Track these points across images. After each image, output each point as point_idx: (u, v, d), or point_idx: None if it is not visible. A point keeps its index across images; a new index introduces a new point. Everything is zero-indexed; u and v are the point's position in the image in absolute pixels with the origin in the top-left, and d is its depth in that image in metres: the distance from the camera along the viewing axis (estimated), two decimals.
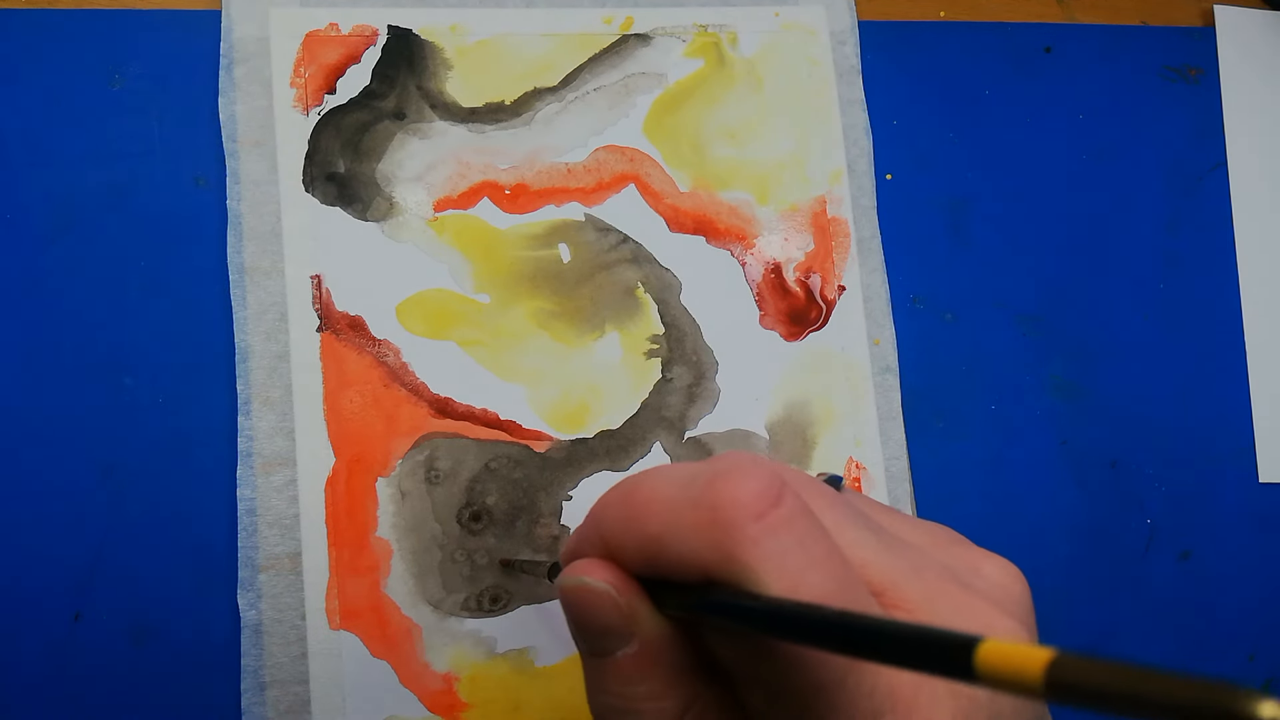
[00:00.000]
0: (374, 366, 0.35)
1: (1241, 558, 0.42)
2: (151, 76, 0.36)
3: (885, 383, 0.39)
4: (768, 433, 0.38)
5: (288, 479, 0.34)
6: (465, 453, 0.35)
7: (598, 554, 0.21)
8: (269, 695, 0.32)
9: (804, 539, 0.19)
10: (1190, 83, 0.45)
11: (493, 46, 0.38)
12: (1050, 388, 0.41)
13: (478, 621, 0.34)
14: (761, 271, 0.39)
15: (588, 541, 0.22)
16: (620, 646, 0.21)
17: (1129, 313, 0.43)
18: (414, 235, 0.36)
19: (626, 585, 0.21)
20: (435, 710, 0.33)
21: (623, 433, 0.37)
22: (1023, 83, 0.43)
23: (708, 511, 0.19)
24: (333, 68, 0.37)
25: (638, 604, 0.21)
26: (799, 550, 0.19)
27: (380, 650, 0.33)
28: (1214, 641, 0.41)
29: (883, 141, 0.41)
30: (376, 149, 0.37)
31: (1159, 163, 0.44)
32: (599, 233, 0.38)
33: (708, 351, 0.38)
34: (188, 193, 0.36)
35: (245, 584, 0.33)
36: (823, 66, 0.41)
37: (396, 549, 0.34)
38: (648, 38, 0.40)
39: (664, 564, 0.20)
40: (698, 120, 0.40)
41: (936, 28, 0.43)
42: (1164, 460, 0.42)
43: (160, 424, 0.34)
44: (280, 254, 0.35)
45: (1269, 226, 0.44)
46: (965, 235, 0.42)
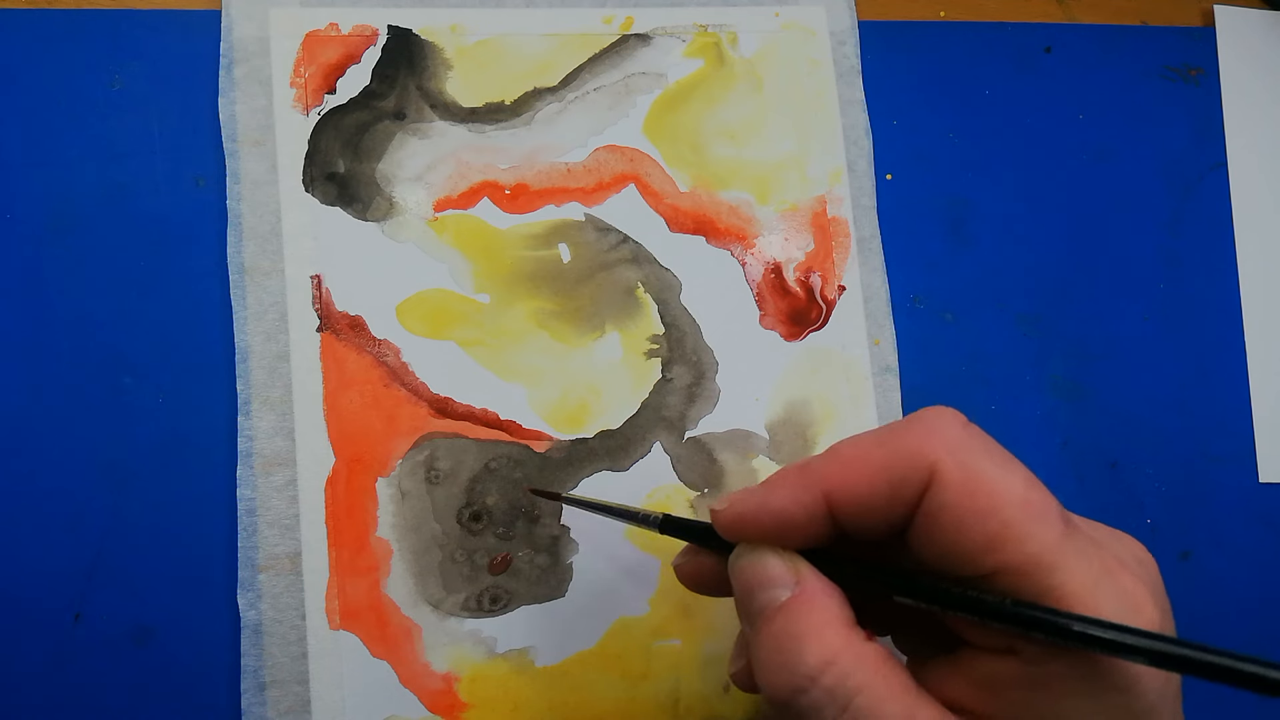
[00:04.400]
0: (374, 366, 0.35)
1: (1241, 558, 0.42)
2: (151, 76, 0.36)
3: (885, 383, 0.39)
4: (768, 433, 0.38)
5: (288, 479, 0.34)
6: (465, 453, 0.35)
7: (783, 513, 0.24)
8: (269, 695, 0.32)
9: (1000, 448, 0.22)
10: (1190, 83, 0.45)
11: (493, 46, 0.38)
12: (1050, 388, 0.41)
13: (478, 621, 0.34)
14: (761, 271, 0.39)
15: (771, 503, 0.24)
16: (784, 592, 0.23)
17: (1129, 313, 0.43)
18: (414, 235, 0.36)
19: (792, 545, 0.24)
20: (435, 710, 0.33)
21: (623, 433, 0.37)
22: (1023, 83, 0.44)
23: (918, 426, 0.23)
24: (333, 68, 0.37)
25: (800, 561, 0.24)
26: (1000, 452, 0.22)
27: (380, 650, 0.33)
28: (1214, 641, 0.41)
29: (883, 141, 0.41)
30: (376, 149, 0.37)
31: (1159, 163, 0.44)
32: (599, 233, 0.38)
33: (708, 351, 0.38)
34: (188, 193, 0.36)
35: (245, 584, 0.33)
36: (823, 66, 0.41)
37: (396, 549, 0.34)
38: (648, 38, 0.40)
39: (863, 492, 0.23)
40: (698, 120, 0.40)
41: (936, 28, 0.43)
42: (1164, 460, 0.42)
43: (160, 424, 0.34)
44: (280, 254, 0.35)
45: (1269, 226, 0.44)
46: (965, 235, 0.42)
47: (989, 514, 0.21)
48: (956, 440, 0.22)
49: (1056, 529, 0.21)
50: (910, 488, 0.22)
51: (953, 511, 0.22)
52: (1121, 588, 0.21)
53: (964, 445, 0.22)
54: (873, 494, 0.23)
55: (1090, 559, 0.21)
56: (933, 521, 0.22)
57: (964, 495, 0.22)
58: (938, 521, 0.22)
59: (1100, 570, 0.21)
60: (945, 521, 0.22)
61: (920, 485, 0.22)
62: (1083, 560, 0.21)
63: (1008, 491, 0.21)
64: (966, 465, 0.22)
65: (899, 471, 0.22)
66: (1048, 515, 0.21)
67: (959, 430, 0.22)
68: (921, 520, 0.22)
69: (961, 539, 0.22)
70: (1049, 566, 0.21)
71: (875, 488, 0.23)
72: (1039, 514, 0.21)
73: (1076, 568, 0.21)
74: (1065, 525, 0.22)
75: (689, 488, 0.37)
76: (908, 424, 0.23)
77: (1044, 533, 0.21)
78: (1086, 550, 0.22)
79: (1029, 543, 0.21)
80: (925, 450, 0.22)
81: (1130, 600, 0.21)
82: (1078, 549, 0.21)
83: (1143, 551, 0.24)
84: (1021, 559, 0.21)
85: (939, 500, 0.22)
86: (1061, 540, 0.21)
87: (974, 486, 0.22)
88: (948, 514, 0.22)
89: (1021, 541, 0.21)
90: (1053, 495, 0.22)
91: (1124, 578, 0.22)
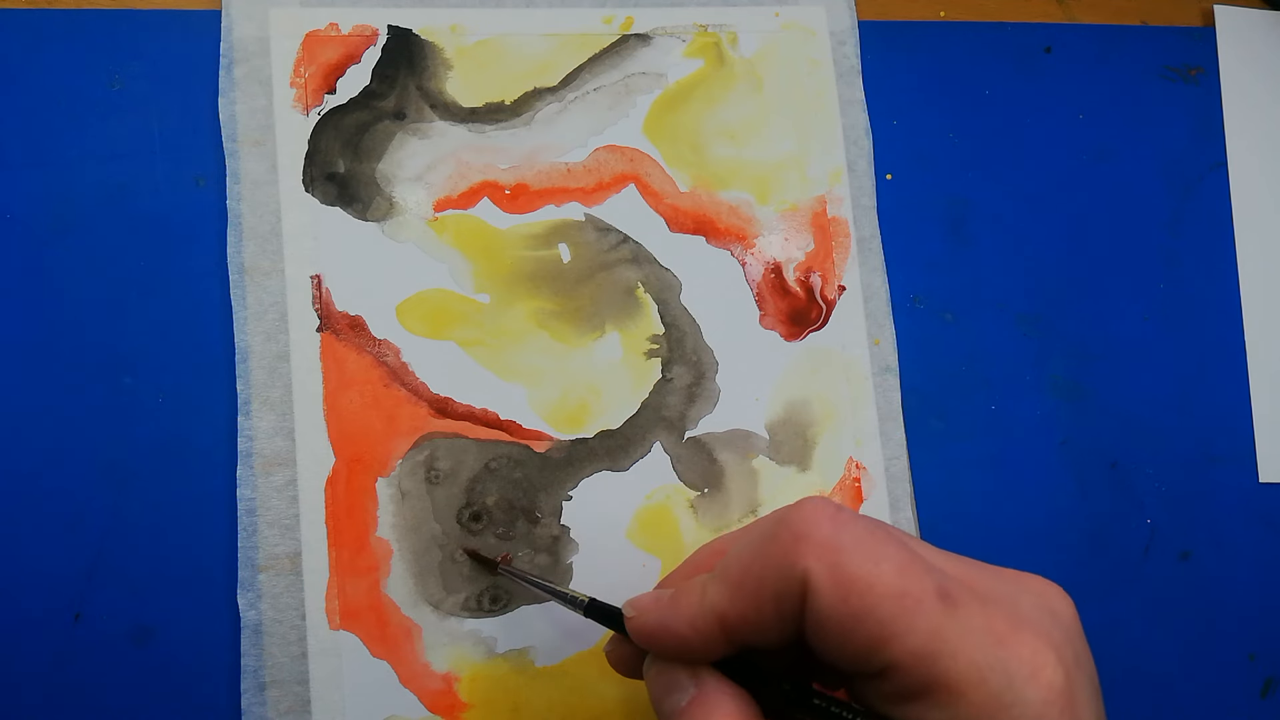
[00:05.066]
0: (374, 366, 0.35)
1: (1241, 558, 0.42)
2: (151, 76, 0.36)
3: (885, 383, 0.39)
4: (768, 433, 0.38)
5: (288, 479, 0.34)
6: (465, 453, 0.35)
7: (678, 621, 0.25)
8: (269, 695, 0.32)
9: (873, 530, 0.22)
10: (1190, 83, 0.45)
11: (493, 46, 0.38)
12: (1050, 388, 0.41)
13: (478, 621, 0.34)
14: (761, 271, 0.39)
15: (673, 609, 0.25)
16: (685, 696, 0.24)
17: (1129, 313, 0.43)
18: (414, 235, 0.36)
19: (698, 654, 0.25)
20: (435, 710, 0.33)
21: (623, 433, 0.37)
22: (1023, 83, 0.44)
23: (786, 533, 0.23)
24: (333, 68, 0.37)
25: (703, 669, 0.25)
26: (870, 540, 0.22)
27: (380, 650, 0.33)
28: (1214, 641, 0.41)
29: (883, 141, 0.41)
30: (376, 149, 0.37)
31: (1159, 163, 0.44)
32: (599, 233, 0.38)
33: (708, 351, 0.38)
34: (188, 193, 0.36)
35: (245, 584, 0.33)
36: (823, 66, 0.41)
37: (396, 549, 0.34)
38: (648, 38, 0.40)
39: (750, 613, 0.23)
40: (698, 120, 0.40)
41: (936, 28, 0.43)
42: (1164, 460, 0.42)
43: (160, 424, 0.34)
44: (280, 254, 0.35)
45: (1269, 226, 0.44)
46: (965, 235, 0.42)
47: (865, 615, 0.21)
48: (824, 541, 0.22)
49: (935, 615, 0.21)
50: (791, 600, 0.22)
51: (832, 618, 0.22)
52: (1012, 657, 0.21)
53: (832, 545, 0.22)
54: (761, 615, 0.23)
55: (977, 635, 0.21)
56: (818, 628, 0.22)
57: (838, 601, 0.22)
58: (822, 628, 0.22)
59: (990, 643, 0.21)
60: (828, 628, 0.22)
61: (799, 596, 0.22)
62: (968, 640, 0.21)
63: (880, 587, 0.21)
64: (836, 567, 0.22)
65: (776, 586, 0.23)
66: (924, 603, 0.21)
67: (827, 528, 0.22)
68: (809, 628, 0.23)
69: (846, 643, 0.22)
70: (932, 656, 0.21)
71: (762, 608, 0.23)
72: (915, 604, 0.21)
73: (960, 651, 0.21)
74: (945, 606, 0.21)
75: (689, 488, 0.37)
76: (778, 526, 0.23)
77: (922, 623, 0.21)
78: (972, 627, 0.21)
79: (908, 638, 0.21)
80: (794, 559, 0.22)
81: (1024, 668, 0.21)
82: (961, 630, 0.21)
83: (1056, 597, 0.24)
84: (904, 654, 0.21)
85: (817, 609, 0.22)
86: (941, 626, 0.21)
87: (846, 590, 0.22)
88: (828, 621, 0.22)
89: (901, 638, 0.21)
90: (932, 568, 0.22)
91: (1018, 644, 0.21)
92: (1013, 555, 0.39)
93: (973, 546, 0.39)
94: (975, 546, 0.39)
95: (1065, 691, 0.21)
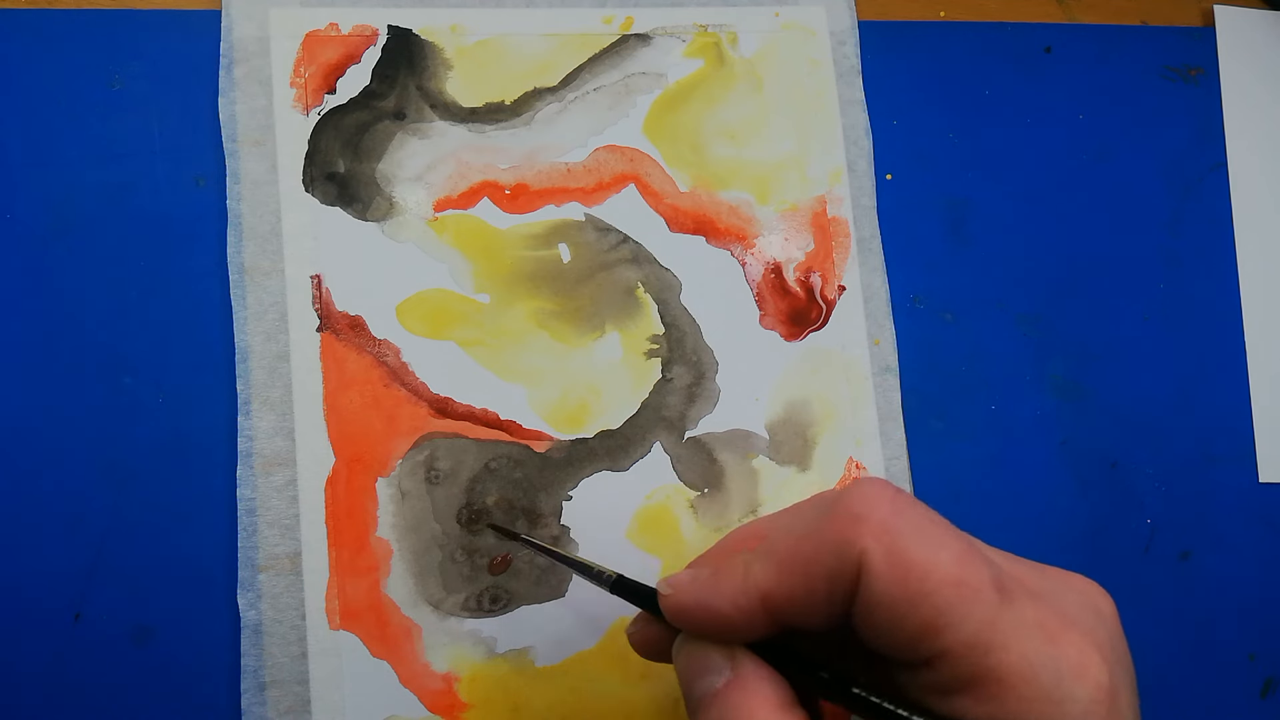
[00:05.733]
0: (374, 366, 0.35)
1: (1241, 558, 0.42)
2: (151, 76, 0.36)
3: (885, 383, 0.39)
4: (768, 433, 0.38)
5: (288, 479, 0.34)
6: (465, 453, 0.35)
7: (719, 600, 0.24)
8: (269, 695, 0.32)
9: (930, 517, 0.22)
10: (1190, 83, 0.45)
11: (493, 46, 0.38)
12: (1050, 388, 0.41)
13: (478, 621, 0.34)
14: (761, 271, 0.39)
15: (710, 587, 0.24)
16: (720, 678, 0.24)
17: (1129, 313, 0.43)
18: (414, 235, 0.36)
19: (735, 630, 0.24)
20: (435, 710, 0.33)
21: (623, 433, 0.37)
22: (1023, 83, 0.44)
23: (843, 512, 0.22)
24: (333, 68, 0.37)
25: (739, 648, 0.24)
26: (929, 526, 0.22)
27: (380, 650, 0.33)
28: (1214, 641, 0.41)
29: (883, 141, 0.41)
30: (376, 149, 0.37)
31: (1159, 163, 0.44)
32: (599, 233, 0.38)
33: (708, 351, 0.38)
34: (188, 193, 0.36)
35: (245, 584, 0.33)
36: (823, 66, 0.41)
37: (396, 549, 0.34)
38: (648, 38, 0.40)
39: (799, 591, 0.23)
40: (698, 120, 0.40)
41: (936, 28, 0.43)
42: (1164, 460, 0.42)
43: (160, 424, 0.34)
44: (280, 254, 0.35)
45: (1269, 226, 0.44)
46: (965, 235, 0.42)
47: (920, 601, 0.21)
48: (882, 523, 0.22)
49: (991, 606, 0.21)
50: (843, 582, 0.22)
51: (885, 602, 0.21)
52: (1062, 654, 0.21)
53: (890, 527, 0.22)
54: (810, 595, 0.23)
55: (1029, 629, 0.21)
56: (869, 612, 0.22)
57: (894, 584, 0.21)
58: (874, 612, 0.22)
59: (1041, 639, 0.21)
60: (880, 612, 0.22)
61: (852, 578, 0.22)
62: (1020, 634, 0.21)
63: (938, 573, 0.21)
64: (894, 551, 0.21)
65: (829, 566, 0.22)
66: (981, 593, 0.21)
67: (885, 510, 0.22)
68: (859, 611, 0.22)
69: (898, 628, 0.22)
70: (985, 647, 0.21)
71: (812, 588, 0.23)
72: (972, 594, 0.21)
73: (1013, 644, 0.21)
74: (1001, 598, 0.21)
75: (689, 488, 0.37)
76: (835, 506, 0.23)
77: (978, 613, 0.21)
78: (1025, 620, 0.21)
79: (963, 627, 0.21)
80: (851, 539, 0.22)
81: (1072, 665, 0.21)
82: (1015, 622, 0.21)
83: (1099, 596, 0.24)
84: (957, 644, 0.21)
85: (871, 591, 0.22)
86: (996, 618, 0.21)
87: (903, 573, 0.21)
88: (881, 604, 0.22)
89: (955, 627, 0.21)
90: (989, 560, 0.22)
91: (1067, 642, 0.21)
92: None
93: None
94: None
95: (1111, 690, 0.21)
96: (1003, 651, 0.21)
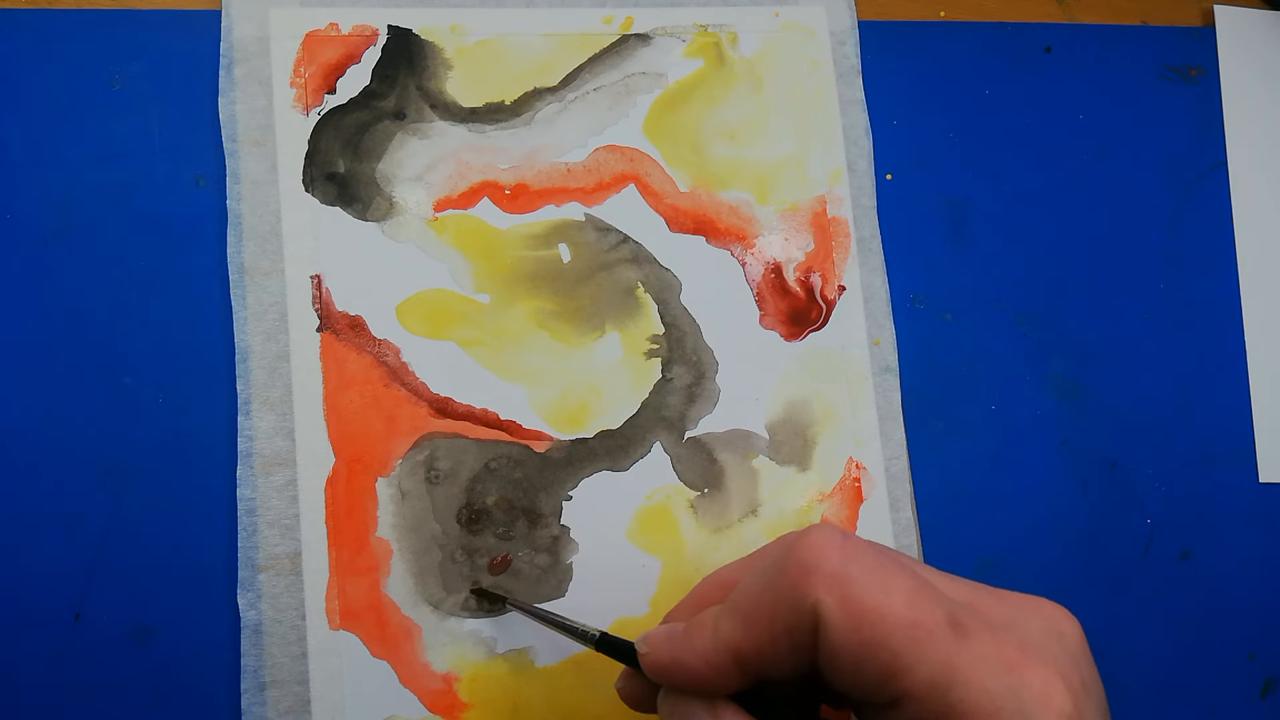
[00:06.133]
0: (374, 366, 0.35)
1: (1241, 558, 0.42)
2: (151, 76, 0.36)
3: (885, 383, 0.39)
4: (768, 433, 0.38)
5: (288, 479, 0.34)
6: (465, 453, 0.35)
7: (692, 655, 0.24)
8: (269, 695, 0.32)
9: (881, 559, 0.22)
10: (1190, 83, 0.45)
11: (493, 46, 0.38)
12: (1050, 388, 0.41)
13: (478, 621, 0.34)
14: (761, 271, 0.39)
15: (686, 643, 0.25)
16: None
17: (1129, 313, 0.43)
18: (414, 235, 0.36)
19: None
20: (435, 710, 0.33)
21: (623, 433, 0.37)
22: (1023, 83, 0.44)
23: (794, 564, 0.22)
24: (333, 68, 0.37)
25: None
26: (879, 570, 0.22)
27: (380, 650, 0.33)
28: (1214, 641, 0.41)
29: (883, 141, 0.41)
30: (376, 149, 0.37)
31: (1159, 163, 0.44)
32: (599, 233, 0.38)
33: (708, 351, 0.38)
34: (188, 193, 0.36)
35: (245, 584, 0.33)
36: (823, 66, 0.41)
37: (396, 549, 0.34)
38: (648, 38, 0.40)
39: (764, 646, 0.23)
40: (698, 120, 0.40)
41: (936, 28, 0.43)
42: (1164, 460, 0.42)
43: (160, 424, 0.34)
44: (280, 254, 0.35)
45: (1269, 226, 0.44)
46: (965, 235, 0.42)
47: (877, 647, 0.21)
48: (833, 573, 0.22)
49: (946, 644, 0.21)
50: (802, 634, 0.22)
51: (844, 650, 0.22)
52: (1023, 685, 0.21)
53: (841, 576, 0.22)
54: (775, 649, 0.23)
55: (988, 663, 0.21)
56: (830, 660, 0.22)
57: (849, 632, 0.22)
58: (834, 660, 0.22)
59: (1001, 672, 0.21)
60: (840, 660, 0.22)
61: (810, 629, 0.22)
62: (980, 669, 0.21)
63: (891, 618, 0.22)
64: (846, 599, 0.22)
65: (787, 620, 0.23)
66: (935, 632, 0.21)
67: (835, 558, 0.22)
68: (822, 659, 0.23)
69: (859, 674, 0.22)
70: (945, 686, 0.21)
71: (775, 641, 0.23)
72: (926, 635, 0.21)
73: (973, 679, 0.21)
74: (956, 634, 0.22)
75: (689, 488, 0.37)
76: (787, 558, 0.23)
77: (934, 653, 0.21)
78: (984, 655, 0.22)
79: (920, 668, 0.21)
80: (804, 592, 0.22)
81: (1036, 695, 0.21)
82: (973, 658, 0.21)
83: (1063, 620, 0.24)
84: (917, 685, 0.21)
85: (829, 641, 0.22)
86: (953, 655, 0.21)
87: (856, 621, 0.22)
88: (840, 653, 0.22)
89: (913, 669, 0.21)
90: (942, 597, 0.22)
91: (1029, 672, 0.22)
92: (1013, 555, 0.40)
93: (973, 547, 0.39)
94: (975, 547, 0.39)
95: (1076, 718, 0.21)
96: (963, 689, 0.21)
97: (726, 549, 0.37)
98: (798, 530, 0.24)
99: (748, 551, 0.37)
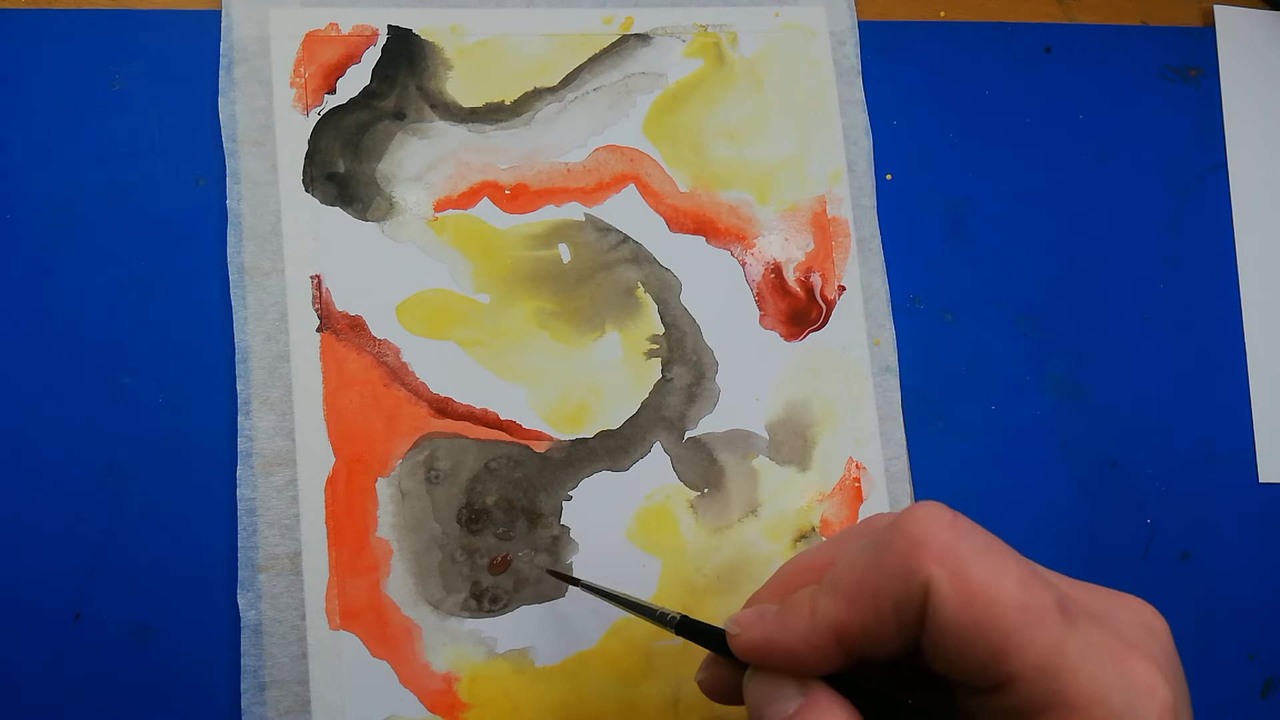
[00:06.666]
0: (374, 366, 0.35)
1: (1241, 558, 0.42)
2: (151, 76, 0.36)
3: (885, 383, 0.39)
4: (768, 433, 0.38)
5: (288, 479, 0.34)
6: (465, 453, 0.35)
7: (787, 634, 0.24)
8: (269, 695, 0.32)
9: (989, 540, 0.22)
10: (1190, 83, 0.45)
11: (493, 46, 0.38)
12: (1050, 388, 0.41)
13: (478, 621, 0.34)
14: (761, 271, 0.39)
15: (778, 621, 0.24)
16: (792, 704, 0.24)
17: (1129, 313, 0.43)
18: (414, 235, 0.36)
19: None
20: (435, 710, 0.33)
21: (623, 433, 0.37)
22: (1023, 83, 0.44)
23: (903, 540, 0.22)
24: (333, 68, 0.37)
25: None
26: (990, 550, 0.22)
27: (380, 650, 0.33)
28: (1214, 641, 0.41)
29: (883, 141, 0.41)
30: (376, 149, 0.37)
31: (1159, 163, 0.44)
32: (599, 233, 0.38)
33: (708, 351, 0.38)
34: (188, 193, 0.36)
35: (245, 584, 0.33)
36: (823, 66, 0.41)
37: (396, 549, 0.34)
38: (648, 38, 0.40)
39: (870, 623, 0.23)
40: (698, 120, 0.40)
41: (936, 28, 0.43)
42: (1164, 460, 0.42)
43: (160, 424, 0.34)
44: (280, 254, 0.35)
45: (1269, 226, 0.44)
46: (965, 235, 0.42)
47: (987, 626, 0.21)
48: (945, 548, 0.22)
49: (1056, 629, 0.21)
50: (911, 610, 0.22)
51: (953, 628, 0.21)
52: (1130, 673, 0.21)
53: (954, 552, 0.22)
54: (880, 626, 0.23)
55: (1096, 651, 0.21)
56: (937, 639, 0.22)
57: (960, 610, 0.21)
58: (941, 639, 0.22)
59: (1108, 659, 0.21)
60: (948, 638, 0.22)
61: (919, 606, 0.22)
62: (1088, 655, 0.21)
63: (1003, 598, 0.21)
64: (959, 576, 0.21)
65: (896, 595, 0.22)
66: (1046, 616, 0.21)
67: (946, 534, 0.22)
68: (928, 638, 0.22)
69: (966, 654, 0.21)
70: (1054, 671, 0.21)
71: (881, 619, 0.22)
72: (1037, 617, 0.21)
73: (1082, 666, 0.21)
74: (1065, 620, 0.21)
75: (689, 488, 0.37)
76: (894, 533, 0.23)
77: (1044, 637, 0.21)
78: (1091, 641, 0.21)
79: (1030, 651, 0.21)
80: (916, 567, 0.22)
81: (1140, 685, 0.21)
82: (1082, 644, 0.21)
83: (1152, 616, 0.23)
84: (1026, 668, 0.21)
85: (939, 618, 0.22)
86: (1063, 640, 0.21)
87: (969, 598, 0.21)
88: (949, 631, 0.21)
89: (1023, 651, 0.21)
90: (1050, 583, 0.22)
91: (1133, 661, 0.21)
92: None
93: None
94: None
95: (1174, 710, 0.21)
96: (1072, 674, 0.21)
97: (727, 549, 0.37)
98: (895, 511, 0.24)
99: (748, 552, 0.37)
